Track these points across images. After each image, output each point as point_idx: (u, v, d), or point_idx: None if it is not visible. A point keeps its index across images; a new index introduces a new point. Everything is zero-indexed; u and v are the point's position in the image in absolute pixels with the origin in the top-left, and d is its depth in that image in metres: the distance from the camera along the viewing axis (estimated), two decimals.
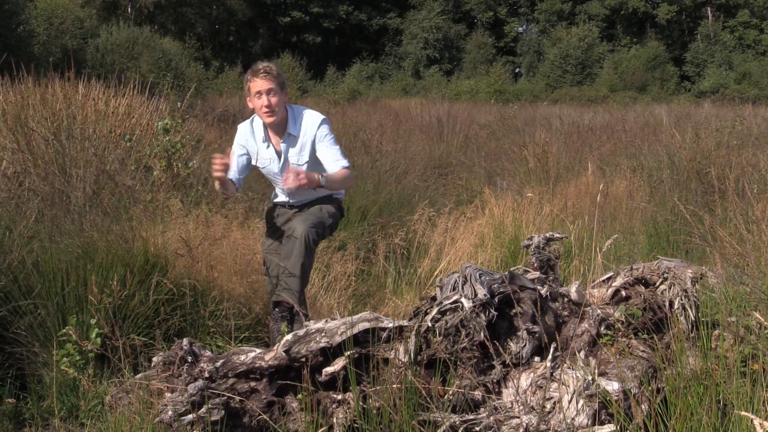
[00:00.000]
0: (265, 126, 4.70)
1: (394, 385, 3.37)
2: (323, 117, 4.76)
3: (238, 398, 3.58)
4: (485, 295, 3.54)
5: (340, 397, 3.55)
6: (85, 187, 5.36)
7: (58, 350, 4.14)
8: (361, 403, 3.47)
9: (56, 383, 3.90)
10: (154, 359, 3.85)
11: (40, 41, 27.60)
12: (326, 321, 3.73)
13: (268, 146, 4.72)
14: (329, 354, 3.63)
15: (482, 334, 3.48)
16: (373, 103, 27.35)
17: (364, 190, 7.48)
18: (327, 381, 3.61)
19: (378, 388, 3.43)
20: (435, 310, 3.60)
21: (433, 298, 3.75)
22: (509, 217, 6.92)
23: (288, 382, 3.65)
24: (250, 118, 4.80)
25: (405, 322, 3.67)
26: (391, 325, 3.63)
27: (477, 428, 3.32)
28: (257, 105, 4.59)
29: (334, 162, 4.64)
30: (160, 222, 5.19)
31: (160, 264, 4.74)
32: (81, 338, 4.17)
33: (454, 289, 3.68)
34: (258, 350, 3.76)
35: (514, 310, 3.65)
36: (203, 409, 3.46)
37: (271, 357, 3.65)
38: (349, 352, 3.51)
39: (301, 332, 3.66)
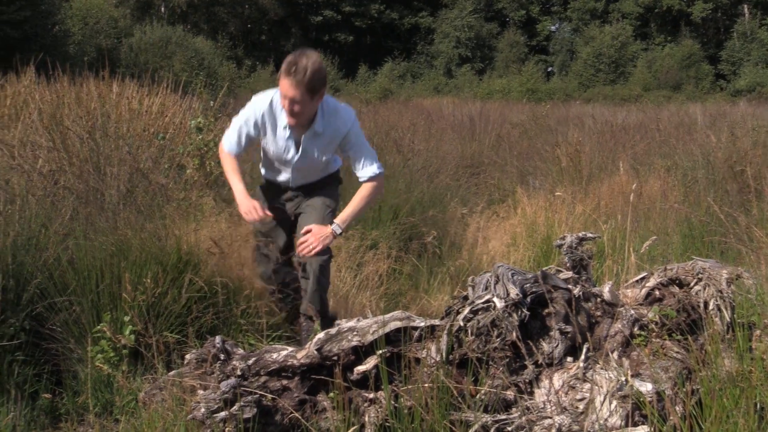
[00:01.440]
0: None
1: (426, 385, 3.37)
2: (353, 118, 4.45)
3: (270, 396, 3.59)
4: (517, 294, 3.52)
5: (371, 395, 3.55)
6: (119, 185, 5.41)
7: (92, 347, 4.18)
8: (392, 402, 3.46)
9: (91, 379, 3.94)
10: (187, 356, 3.87)
11: (75, 41, 27.90)
12: (358, 320, 3.73)
13: (289, 134, 4.37)
14: (361, 353, 3.63)
15: (514, 334, 3.46)
16: (404, 102, 27.32)
17: (396, 189, 7.47)
18: (359, 379, 3.61)
19: (410, 387, 3.43)
20: (467, 310, 3.59)
21: (465, 298, 3.74)
22: (541, 217, 6.89)
23: (320, 378, 3.66)
24: (274, 99, 4.37)
25: (437, 321, 3.66)
26: (423, 324, 3.62)
27: (509, 428, 3.30)
28: (281, 102, 4.24)
29: (362, 169, 4.44)
30: (193, 220, 5.22)
31: (193, 262, 4.77)
32: (115, 335, 4.21)
33: (486, 288, 3.66)
34: (290, 348, 3.77)
35: (546, 310, 3.63)
36: (236, 407, 3.48)
37: (303, 355, 3.66)
38: (380, 351, 3.51)
39: (333, 331, 3.66)
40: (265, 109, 4.34)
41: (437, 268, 5.92)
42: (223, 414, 3.47)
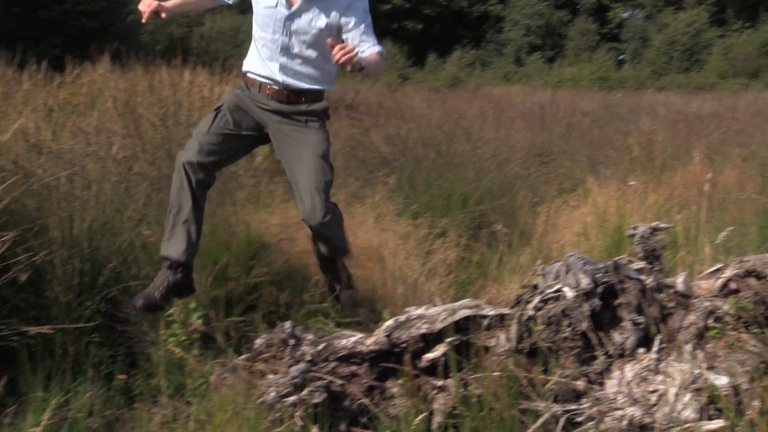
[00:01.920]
0: None
1: (495, 373, 3.35)
2: None
3: (339, 381, 3.61)
4: (589, 284, 3.48)
5: (440, 383, 3.55)
6: None
7: (165, 330, 4.25)
8: (461, 390, 3.45)
9: (164, 362, 4.01)
10: (257, 341, 3.91)
11: (148, 30, 28.32)
12: (427, 307, 3.73)
13: None
14: (430, 340, 3.63)
15: (585, 324, 3.42)
16: (474, 90, 27.14)
17: (465, 177, 7.44)
18: (427, 367, 3.61)
19: (478, 375, 3.41)
20: (537, 299, 3.56)
21: (535, 287, 3.71)
22: (613, 207, 6.78)
23: (389, 365, 3.67)
24: None
25: (506, 310, 3.63)
26: (492, 312, 3.60)
27: (579, 419, 3.27)
28: None
29: (369, 44, 3.78)
30: (263, 207, 5.27)
31: (262, 248, 4.82)
32: (185, 319, 4.28)
33: (556, 277, 3.62)
34: (359, 334, 3.78)
35: (618, 301, 3.57)
36: (305, 392, 3.51)
37: (372, 342, 3.67)
38: (449, 339, 3.50)
39: (402, 318, 3.66)
40: None
41: (507, 257, 5.87)
42: (292, 398, 3.50)
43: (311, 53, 3.88)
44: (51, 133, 5.94)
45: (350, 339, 3.73)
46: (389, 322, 3.67)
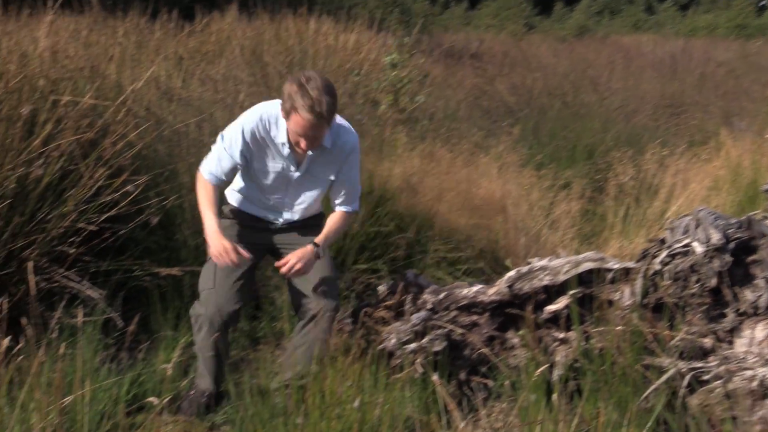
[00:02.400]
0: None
1: (619, 327, 3.29)
2: (357, 136, 3.78)
3: (459, 331, 3.62)
4: (720, 239, 3.36)
5: (561, 335, 3.52)
6: None
7: None
8: (583, 343, 3.42)
9: (287, 306, 4.09)
10: (380, 288, 3.96)
11: None
12: (550, 259, 3.69)
13: (288, 153, 3.57)
14: (552, 292, 3.59)
15: (715, 280, 3.32)
16: (602, 39, 26.36)
17: (591, 128, 7.28)
18: (549, 319, 3.58)
19: (601, 329, 3.37)
20: (664, 253, 3.46)
21: (662, 241, 3.61)
22: (747, 160, 6.51)
23: (510, 316, 3.66)
24: (263, 114, 3.57)
25: (632, 264, 3.56)
26: (617, 266, 3.53)
27: (705, 377, 3.18)
28: (292, 136, 3.44)
29: (346, 199, 3.76)
30: (387, 156, 5.29)
31: (386, 197, 4.85)
32: None
33: (685, 232, 3.52)
34: (480, 284, 3.78)
35: (751, 258, 3.44)
36: (426, 339, 3.54)
37: (493, 292, 3.66)
38: (572, 291, 3.46)
39: (524, 269, 3.64)
40: (264, 127, 3.56)
41: (633, 210, 5.73)
42: (413, 346, 3.54)
43: (312, 197, 3.81)
44: (181, 80, 6.10)
45: (472, 289, 3.74)
46: (511, 273, 3.65)
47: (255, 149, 3.56)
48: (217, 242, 3.41)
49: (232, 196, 3.86)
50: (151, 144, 4.78)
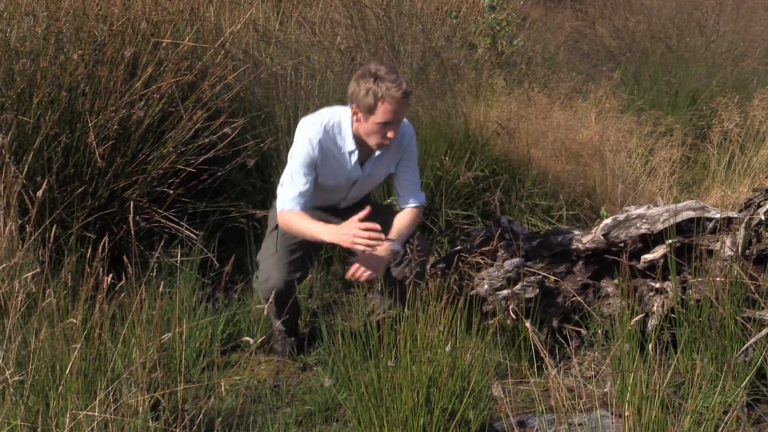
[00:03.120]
0: (357, 137, 3.44)
1: (718, 278, 3.21)
2: (411, 127, 3.65)
3: (553, 278, 3.59)
4: None
5: (658, 285, 3.45)
6: (412, 63, 5.50)
7: None
8: (680, 294, 3.34)
9: None
10: (473, 233, 3.95)
11: None
12: (648, 207, 3.60)
13: (356, 159, 3.49)
14: (649, 241, 3.52)
15: None
16: None
17: (695, 72, 7.04)
18: (645, 268, 3.51)
19: (700, 279, 3.28)
20: None
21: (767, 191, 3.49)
22: None
23: (605, 264, 3.60)
24: (326, 122, 3.43)
25: (734, 214, 3.45)
26: (718, 215, 3.43)
27: None
28: (377, 132, 3.33)
29: (413, 193, 3.64)
30: (483, 100, 5.23)
31: (481, 141, 4.80)
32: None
33: None
34: (576, 231, 3.73)
35: None
36: (518, 286, 3.52)
37: (588, 240, 3.61)
38: (670, 240, 3.38)
39: (621, 216, 3.57)
40: (327, 139, 3.43)
41: (737, 158, 5.54)
42: (505, 292, 3.53)
43: (370, 190, 3.86)
44: (279, 23, 6.11)
45: (566, 236, 3.69)
46: (607, 221, 3.59)
47: (321, 160, 3.42)
48: (340, 228, 3.24)
49: None
50: (248, 87, 4.83)
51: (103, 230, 3.98)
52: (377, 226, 3.15)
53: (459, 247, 4.02)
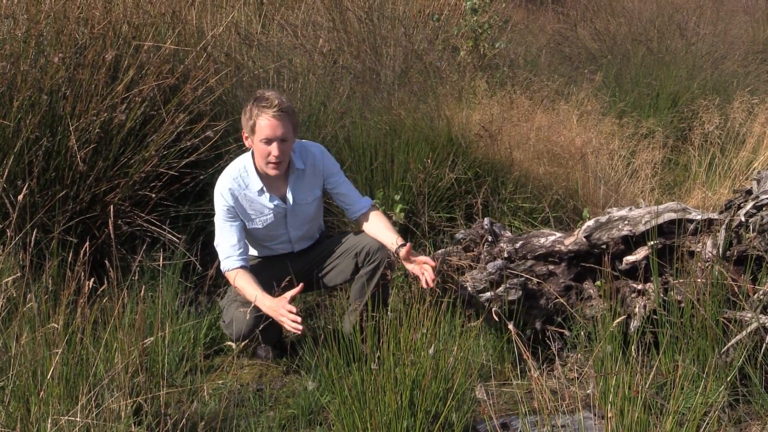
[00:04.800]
0: (261, 173, 3.61)
1: (700, 279, 3.23)
2: (320, 146, 3.81)
3: (536, 280, 3.60)
4: None
5: (640, 286, 3.47)
6: (394, 65, 5.52)
7: None
8: (662, 295, 3.36)
9: None
10: (456, 236, 3.95)
11: None
12: (630, 209, 3.62)
13: (269, 196, 3.63)
14: (631, 242, 3.53)
15: None
16: None
17: (676, 75, 7.07)
18: (627, 270, 3.53)
19: (682, 280, 3.30)
20: (750, 205, 3.37)
21: (749, 192, 3.52)
22: None
23: (587, 266, 3.62)
24: (232, 172, 3.63)
25: (715, 215, 3.47)
26: (699, 217, 3.45)
27: None
28: (262, 152, 3.48)
29: (358, 200, 3.77)
30: (465, 102, 5.24)
31: (463, 144, 4.81)
32: (388, 211, 4.36)
33: None
34: (558, 234, 3.74)
35: None
36: (501, 288, 3.53)
37: (571, 242, 3.62)
38: (652, 242, 3.40)
39: (603, 218, 3.58)
40: (234, 188, 3.60)
41: (718, 159, 5.58)
42: (488, 294, 3.54)
43: (310, 218, 3.84)
44: (261, 26, 6.11)
45: (549, 238, 3.70)
46: (590, 223, 3.60)
47: (238, 207, 3.61)
48: (271, 307, 3.35)
49: (253, 254, 3.88)
50: (230, 90, 4.83)
51: (84, 234, 3.97)
52: (298, 318, 3.25)
53: (442, 250, 4.03)
